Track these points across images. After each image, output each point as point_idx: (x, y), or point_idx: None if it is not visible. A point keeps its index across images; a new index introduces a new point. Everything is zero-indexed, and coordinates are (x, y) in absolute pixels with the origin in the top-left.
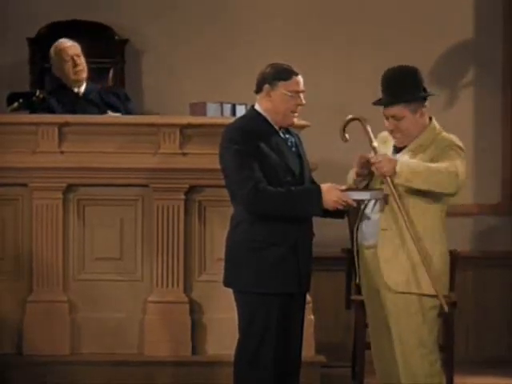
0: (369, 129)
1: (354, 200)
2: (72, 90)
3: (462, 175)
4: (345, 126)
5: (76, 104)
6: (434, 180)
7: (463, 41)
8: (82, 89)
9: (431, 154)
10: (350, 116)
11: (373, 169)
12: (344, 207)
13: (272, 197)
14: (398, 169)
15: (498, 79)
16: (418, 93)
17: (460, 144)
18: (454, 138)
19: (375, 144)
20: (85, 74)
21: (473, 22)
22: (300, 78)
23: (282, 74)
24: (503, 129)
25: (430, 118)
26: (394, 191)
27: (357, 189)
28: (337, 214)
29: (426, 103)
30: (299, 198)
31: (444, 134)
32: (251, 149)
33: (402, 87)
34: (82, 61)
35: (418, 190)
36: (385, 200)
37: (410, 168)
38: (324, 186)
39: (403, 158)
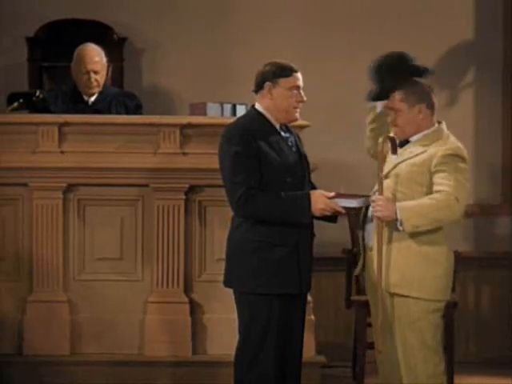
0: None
1: (342, 207)
2: (83, 98)
3: (461, 197)
4: None
5: (82, 114)
6: (438, 218)
7: (463, 41)
8: (93, 98)
9: (431, 158)
10: None
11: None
12: (332, 214)
13: (261, 203)
14: (400, 216)
15: (498, 79)
16: (407, 75)
17: (462, 153)
18: (457, 146)
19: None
20: (97, 89)
21: (473, 22)
22: (299, 75)
23: (282, 70)
24: (503, 129)
25: (440, 123)
26: (380, 233)
27: (345, 195)
28: (328, 218)
29: (435, 108)
30: (288, 205)
31: (450, 140)
32: (250, 150)
33: (388, 75)
34: (98, 77)
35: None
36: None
37: (414, 212)
38: (312, 193)
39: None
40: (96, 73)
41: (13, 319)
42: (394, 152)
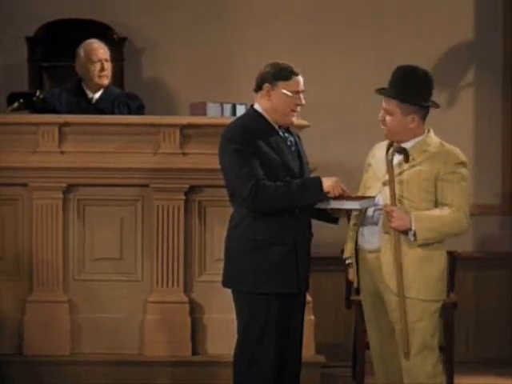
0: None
1: (345, 209)
2: (87, 95)
3: (468, 209)
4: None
5: (86, 112)
6: (447, 231)
7: (463, 41)
8: (97, 95)
9: (439, 167)
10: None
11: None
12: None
13: (273, 192)
14: (414, 227)
15: (498, 79)
16: (417, 98)
17: (465, 159)
18: (458, 151)
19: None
20: (107, 81)
21: (473, 22)
22: (300, 78)
23: (282, 73)
24: (503, 129)
25: (428, 130)
26: (395, 244)
27: (347, 197)
28: (329, 219)
29: (427, 117)
30: (299, 188)
31: (447, 146)
32: (250, 148)
33: (404, 85)
34: (108, 66)
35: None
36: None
37: (427, 225)
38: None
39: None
40: (107, 61)
41: (13, 319)
42: (407, 161)
